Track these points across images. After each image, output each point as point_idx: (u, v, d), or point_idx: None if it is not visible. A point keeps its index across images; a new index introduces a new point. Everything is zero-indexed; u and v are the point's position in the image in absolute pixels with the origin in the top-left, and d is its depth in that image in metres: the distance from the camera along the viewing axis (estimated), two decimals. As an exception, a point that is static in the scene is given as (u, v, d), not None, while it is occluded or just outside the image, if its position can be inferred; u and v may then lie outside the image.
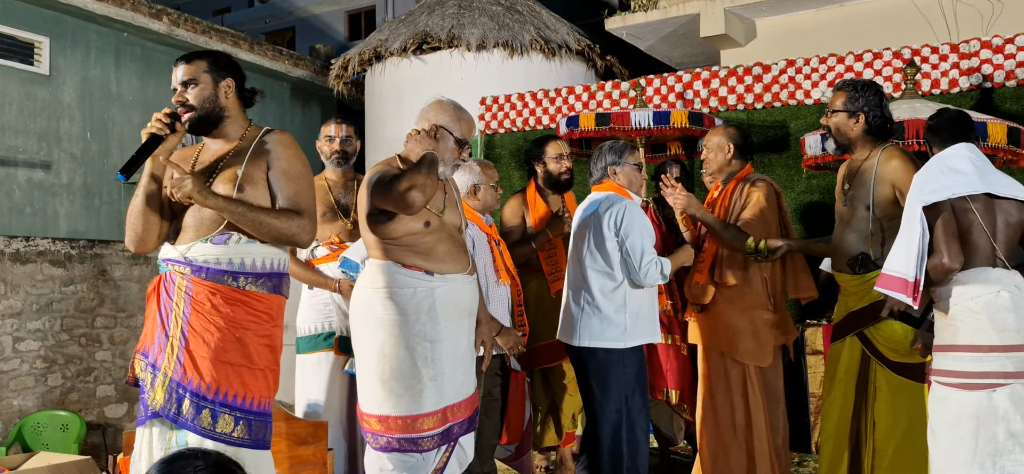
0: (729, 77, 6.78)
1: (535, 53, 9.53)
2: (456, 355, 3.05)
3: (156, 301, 2.65)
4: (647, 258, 3.46)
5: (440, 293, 2.98)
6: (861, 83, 3.31)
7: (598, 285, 3.52)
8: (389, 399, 2.93)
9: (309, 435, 3.46)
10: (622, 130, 5.65)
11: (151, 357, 2.60)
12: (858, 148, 3.30)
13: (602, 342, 3.51)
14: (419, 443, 2.96)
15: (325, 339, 3.76)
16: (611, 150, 3.66)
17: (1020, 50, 5.74)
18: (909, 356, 3.17)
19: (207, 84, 2.69)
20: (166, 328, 2.59)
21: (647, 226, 3.54)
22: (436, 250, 3.00)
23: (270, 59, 11.87)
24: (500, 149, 7.75)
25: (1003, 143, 4.69)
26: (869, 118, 3.24)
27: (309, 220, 2.70)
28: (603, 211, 3.54)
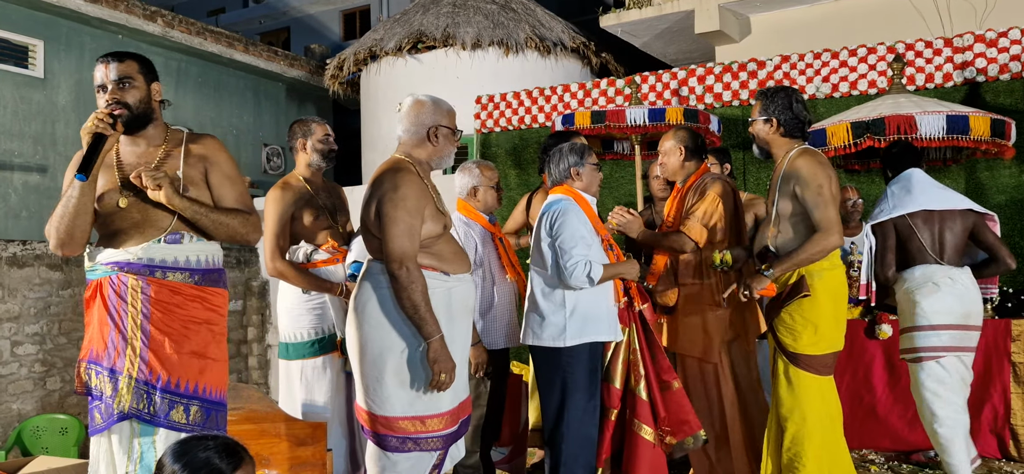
0: (724, 73, 6.79)
1: (530, 51, 9.54)
2: (464, 354, 3.10)
3: (102, 306, 2.63)
4: (572, 260, 3.40)
5: (456, 293, 3.00)
6: (771, 90, 3.55)
7: (539, 286, 3.55)
8: (409, 400, 2.91)
9: (308, 436, 3.47)
10: (618, 127, 5.67)
11: (107, 363, 2.60)
12: (775, 150, 3.52)
13: (541, 341, 3.53)
14: (433, 442, 2.96)
15: (325, 343, 3.73)
16: (573, 150, 3.63)
17: (1013, 44, 5.77)
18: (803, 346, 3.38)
19: (141, 85, 2.72)
20: (123, 331, 2.60)
21: (582, 228, 3.48)
22: (445, 251, 3.01)
23: (265, 59, 11.86)
24: (496, 147, 7.76)
25: (986, 136, 4.71)
26: (780, 120, 3.46)
27: (257, 218, 2.86)
28: (546, 211, 3.56)
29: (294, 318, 3.67)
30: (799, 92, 3.54)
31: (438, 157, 3.06)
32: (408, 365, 2.91)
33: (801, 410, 3.38)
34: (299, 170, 3.83)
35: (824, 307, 3.38)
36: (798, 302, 3.39)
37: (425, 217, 2.91)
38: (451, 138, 3.07)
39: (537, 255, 3.58)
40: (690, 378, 3.95)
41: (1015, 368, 4.71)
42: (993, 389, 4.76)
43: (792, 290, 3.41)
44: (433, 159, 3.06)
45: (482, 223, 4.00)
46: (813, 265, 3.37)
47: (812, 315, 3.38)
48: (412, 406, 2.91)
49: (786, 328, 3.44)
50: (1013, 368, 4.72)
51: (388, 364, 2.90)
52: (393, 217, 2.85)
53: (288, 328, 3.71)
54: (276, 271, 3.62)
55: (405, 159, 3.03)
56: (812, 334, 3.39)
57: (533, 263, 3.61)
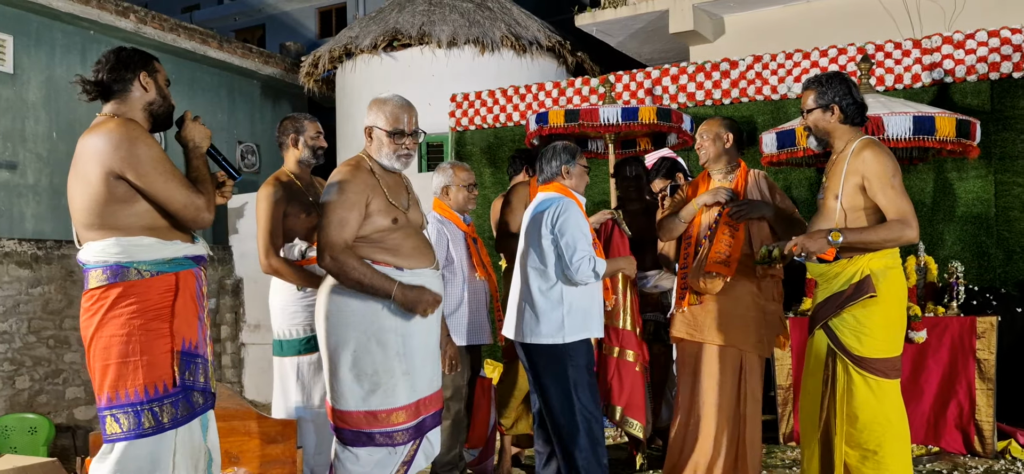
0: (697, 73, 6.85)
1: (506, 50, 9.55)
2: (427, 348, 3.11)
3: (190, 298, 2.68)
4: (578, 255, 3.48)
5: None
6: (826, 76, 3.35)
7: (536, 283, 3.58)
8: (363, 394, 2.97)
9: (278, 433, 3.46)
10: (591, 126, 5.69)
11: (201, 350, 2.70)
12: (836, 139, 3.33)
13: (541, 339, 3.56)
14: (393, 437, 3.01)
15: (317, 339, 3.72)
16: (565, 150, 3.69)
17: (981, 45, 5.86)
18: (869, 349, 3.20)
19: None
20: (202, 320, 2.74)
21: (583, 226, 3.57)
22: (403, 246, 3.06)
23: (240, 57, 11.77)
24: (471, 145, 7.77)
25: (952, 136, 4.79)
26: (842, 107, 3.27)
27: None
28: (544, 209, 3.59)
29: (289, 315, 3.67)
30: (850, 77, 3.38)
31: (378, 157, 3.09)
32: (361, 361, 2.98)
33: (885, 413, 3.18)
34: (288, 167, 3.82)
35: (890, 307, 3.18)
36: (863, 303, 3.16)
37: (371, 211, 2.98)
38: (386, 139, 3.08)
39: (533, 253, 3.58)
40: (707, 366, 3.84)
41: (980, 365, 4.80)
42: (958, 386, 4.84)
43: (856, 289, 3.18)
44: (378, 158, 3.09)
45: (455, 222, 4.07)
46: (877, 264, 3.16)
47: (879, 316, 3.17)
48: (366, 401, 2.98)
49: (850, 330, 3.21)
50: (978, 365, 4.80)
51: (342, 359, 2.98)
52: (325, 210, 2.98)
53: (282, 325, 3.71)
54: (271, 268, 3.61)
55: (361, 155, 3.12)
56: (880, 336, 3.17)
57: (527, 262, 3.62)
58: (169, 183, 2.56)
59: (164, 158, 2.58)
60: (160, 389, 2.54)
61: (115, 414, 2.52)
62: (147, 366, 2.53)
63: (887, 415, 3.19)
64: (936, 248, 5.76)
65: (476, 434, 4.19)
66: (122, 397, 2.52)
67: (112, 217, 2.54)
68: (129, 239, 2.55)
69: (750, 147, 6.42)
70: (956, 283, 5.00)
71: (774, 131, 5.30)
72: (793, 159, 5.45)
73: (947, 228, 5.87)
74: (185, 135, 2.72)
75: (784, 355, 5.21)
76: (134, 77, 2.65)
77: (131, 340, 2.52)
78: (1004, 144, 5.75)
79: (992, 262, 5.73)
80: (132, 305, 2.54)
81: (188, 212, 2.60)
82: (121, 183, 2.53)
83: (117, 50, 2.70)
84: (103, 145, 2.52)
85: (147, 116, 2.69)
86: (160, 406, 2.54)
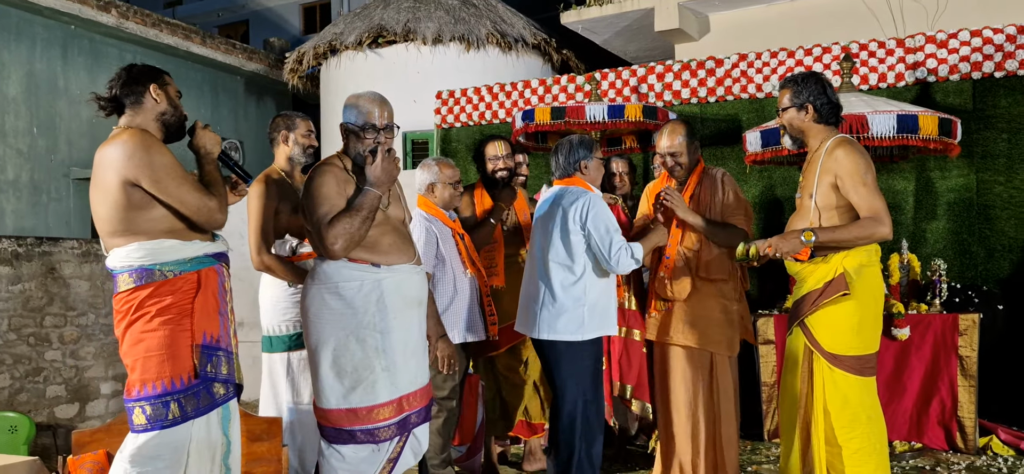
0: (682, 71, 6.86)
1: (491, 47, 9.54)
2: (408, 345, 3.10)
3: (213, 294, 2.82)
4: (615, 247, 3.51)
5: (387, 284, 3.03)
6: (802, 76, 3.39)
7: (558, 278, 3.57)
8: (343, 392, 2.98)
9: (264, 431, 3.44)
10: (577, 124, 5.70)
11: (224, 344, 2.83)
12: (811, 138, 3.35)
13: (560, 335, 3.56)
14: (375, 434, 3.01)
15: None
16: (582, 145, 3.69)
17: (963, 45, 5.91)
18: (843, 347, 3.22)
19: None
20: (226, 315, 2.86)
21: (611, 218, 3.59)
22: (381, 243, 3.05)
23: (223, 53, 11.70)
24: (456, 143, 7.76)
25: (934, 135, 4.83)
26: (816, 106, 3.30)
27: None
28: (569, 204, 3.57)
29: (279, 311, 3.65)
30: (825, 76, 3.41)
31: (354, 154, 3.11)
32: (340, 358, 2.99)
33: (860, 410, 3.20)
34: (278, 164, 3.81)
35: (865, 306, 3.20)
36: (836, 300, 3.18)
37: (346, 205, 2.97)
38: (356, 136, 3.09)
39: (556, 247, 3.57)
40: (679, 369, 3.93)
41: (962, 362, 4.84)
42: (941, 382, 4.88)
43: (829, 287, 3.20)
44: (352, 154, 3.10)
45: (442, 218, 4.04)
46: (851, 262, 3.17)
47: (853, 314, 3.18)
48: (346, 399, 2.98)
49: (824, 327, 3.23)
50: (960, 361, 4.84)
51: (323, 357, 2.99)
52: (308, 211, 2.99)
53: (271, 321, 3.69)
54: (263, 265, 3.59)
55: (334, 155, 3.14)
56: (854, 334, 3.19)
57: (547, 256, 3.59)
58: (182, 187, 2.71)
59: (176, 164, 2.73)
60: (184, 381, 2.70)
61: (142, 405, 2.67)
62: (171, 360, 2.69)
63: (862, 412, 3.22)
64: (919, 246, 5.80)
65: (464, 431, 4.18)
66: (148, 390, 2.67)
67: (133, 223, 2.71)
68: (151, 243, 2.72)
69: (734, 145, 6.45)
70: (939, 281, 5.04)
71: (758, 129, 5.32)
72: (778, 157, 5.47)
73: (930, 226, 5.92)
74: (197, 142, 2.88)
75: (769, 352, 5.23)
76: (145, 90, 2.81)
77: (156, 336, 2.69)
78: (986, 143, 5.80)
79: (974, 260, 5.79)
80: (158, 304, 2.71)
81: (202, 214, 2.76)
82: (137, 190, 2.68)
83: (129, 66, 2.89)
84: (118, 155, 2.68)
85: (160, 126, 2.83)
86: (184, 397, 2.70)
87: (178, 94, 2.92)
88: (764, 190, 6.45)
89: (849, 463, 3.22)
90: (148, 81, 2.83)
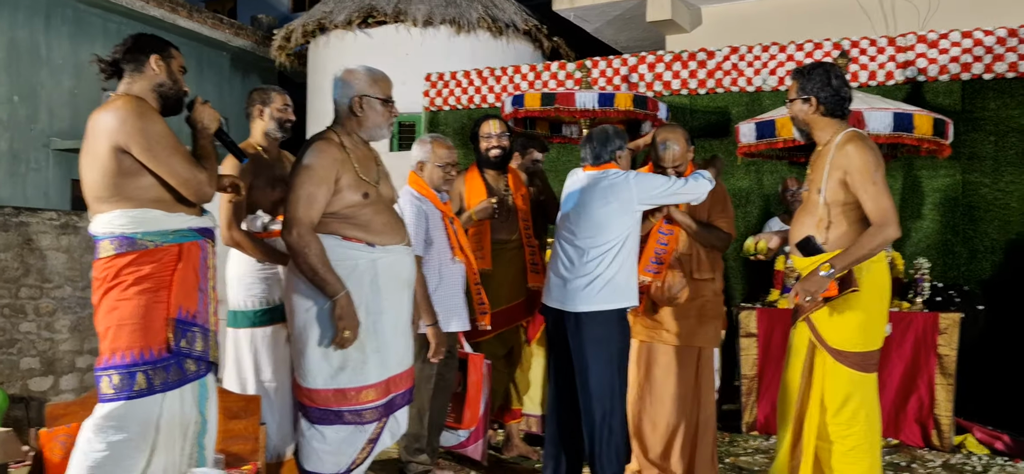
0: (673, 62, 6.84)
1: (482, 31, 9.47)
2: (398, 326, 3.08)
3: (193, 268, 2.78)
4: (680, 181, 3.62)
5: (382, 264, 3.00)
6: (808, 67, 3.31)
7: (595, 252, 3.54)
8: (332, 372, 2.94)
9: (241, 409, 3.39)
10: (567, 111, 5.67)
11: (201, 320, 2.79)
12: (818, 131, 3.29)
13: (595, 305, 3.52)
14: (362, 415, 2.98)
15: (275, 313, 3.64)
16: (618, 135, 3.68)
17: (954, 45, 5.92)
18: (848, 343, 3.19)
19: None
20: (206, 291, 2.83)
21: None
22: (374, 222, 3.01)
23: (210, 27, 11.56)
24: (444, 126, 7.71)
25: (929, 134, 4.84)
26: (820, 99, 3.23)
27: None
28: (620, 182, 3.56)
29: (245, 286, 3.59)
30: (838, 68, 3.30)
31: (366, 128, 3.05)
32: (330, 338, 2.92)
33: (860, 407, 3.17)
34: (254, 138, 3.74)
35: (871, 301, 3.15)
36: (845, 296, 3.14)
37: (341, 186, 2.93)
38: (380, 109, 3.04)
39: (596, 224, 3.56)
40: (664, 365, 3.95)
41: (941, 360, 4.86)
42: (920, 380, 4.90)
43: (839, 284, 3.14)
44: (361, 130, 3.05)
45: (432, 199, 3.89)
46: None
47: (859, 310, 3.14)
48: (334, 379, 2.94)
49: (830, 322, 3.18)
50: (939, 360, 4.86)
51: (311, 336, 2.94)
52: (293, 185, 2.93)
53: (238, 296, 3.62)
54: (232, 240, 3.53)
55: (330, 128, 3.06)
56: (859, 330, 3.14)
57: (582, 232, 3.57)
58: (172, 158, 2.69)
59: (168, 134, 2.72)
60: (154, 353, 2.68)
61: (110, 374, 2.65)
62: (143, 330, 2.67)
63: (861, 409, 3.19)
64: (903, 244, 5.82)
65: (469, 414, 4.09)
66: (117, 359, 2.65)
67: (119, 190, 2.69)
68: (136, 211, 2.69)
69: (724, 138, 6.44)
70: (921, 279, 5.05)
71: (753, 121, 5.31)
72: (771, 150, 5.47)
73: (915, 225, 5.93)
74: (195, 117, 2.86)
75: (751, 345, 5.24)
76: (146, 59, 2.80)
77: (130, 305, 2.67)
78: (973, 144, 5.82)
79: (957, 260, 5.81)
80: (136, 273, 2.68)
81: (190, 186, 2.73)
82: (127, 157, 2.66)
83: (136, 35, 2.88)
84: (110, 121, 2.66)
85: (156, 97, 2.81)
86: (153, 369, 2.67)
87: (183, 69, 2.91)
88: (753, 183, 6.45)
89: (842, 461, 3.19)
90: (151, 51, 2.82)
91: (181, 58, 2.93)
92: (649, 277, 3.86)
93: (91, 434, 2.66)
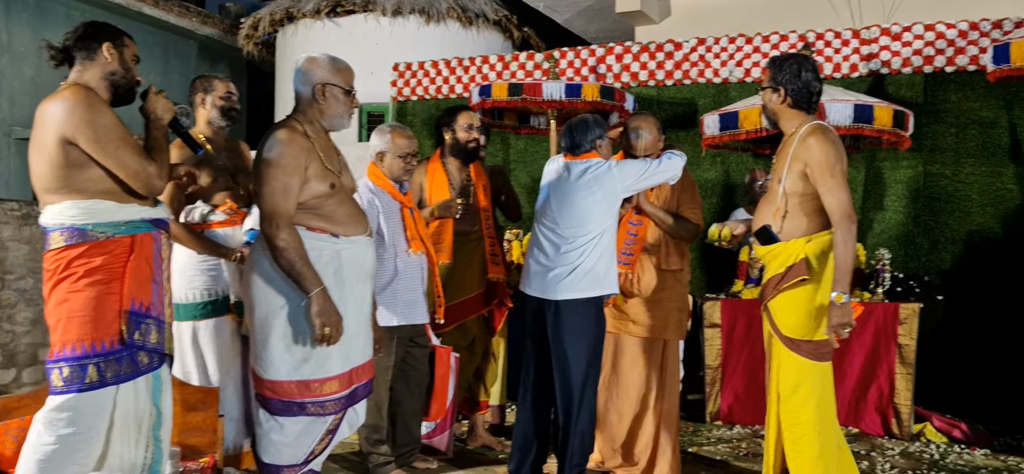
0: (641, 53, 6.85)
1: (452, 21, 9.43)
2: (361, 317, 3.06)
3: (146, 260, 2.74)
4: (655, 163, 3.67)
5: (346, 255, 2.98)
6: (783, 57, 3.33)
7: (579, 241, 3.55)
8: (295, 363, 2.91)
9: (199, 401, 3.36)
10: (534, 101, 5.67)
11: (154, 312, 2.76)
12: (784, 121, 3.32)
13: (578, 293, 3.54)
14: (325, 406, 2.96)
15: (219, 305, 3.61)
16: (598, 123, 3.69)
17: (917, 38, 5.98)
18: (800, 331, 3.23)
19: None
20: (160, 282, 2.80)
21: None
22: (338, 213, 2.99)
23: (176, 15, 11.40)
24: (412, 117, 7.67)
25: (889, 126, 4.90)
26: (788, 91, 3.26)
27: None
28: (603, 172, 3.58)
29: (187, 278, 3.54)
30: (812, 61, 3.32)
31: (327, 117, 3.02)
32: (294, 329, 2.90)
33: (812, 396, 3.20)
34: (198, 127, 3.69)
35: (825, 291, 3.15)
36: (797, 285, 3.15)
37: (308, 176, 2.89)
38: (341, 98, 3.01)
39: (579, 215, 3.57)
40: (631, 357, 3.98)
41: (901, 350, 4.92)
42: (880, 370, 4.96)
43: (791, 272, 3.18)
44: (323, 119, 3.01)
45: (390, 191, 3.85)
46: (814, 247, 3.15)
47: (812, 299, 3.16)
48: (297, 370, 2.91)
49: (783, 311, 3.22)
50: (899, 350, 4.93)
51: (274, 327, 2.90)
52: (266, 176, 2.86)
53: (180, 288, 3.58)
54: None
55: (292, 118, 3.01)
56: (811, 319, 3.16)
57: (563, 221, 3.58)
58: (121, 150, 2.65)
59: (116, 125, 2.67)
60: (106, 345, 2.65)
61: (60, 366, 2.62)
62: (94, 322, 2.64)
63: (811, 397, 3.23)
64: (865, 235, 5.88)
65: (436, 406, 4.07)
66: (67, 351, 2.62)
67: (68, 181, 2.65)
68: (86, 202, 2.66)
69: (691, 129, 6.47)
70: (882, 270, 5.12)
71: (717, 113, 5.34)
72: (734, 141, 5.51)
73: (877, 216, 6.00)
74: (148, 107, 2.82)
75: (714, 336, 5.27)
76: (99, 47, 2.75)
77: (81, 297, 2.64)
78: (935, 136, 5.89)
79: (918, 251, 5.89)
80: (86, 265, 2.65)
81: (139, 179, 2.69)
82: (74, 149, 2.62)
83: (89, 22, 2.83)
84: (57, 111, 2.62)
85: (107, 86, 2.77)
86: (104, 361, 2.65)
87: (136, 59, 2.86)
88: (719, 174, 6.49)
89: (792, 448, 3.24)
90: (103, 39, 2.77)
91: (134, 47, 2.88)
92: (620, 268, 3.86)
93: (41, 427, 2.64)
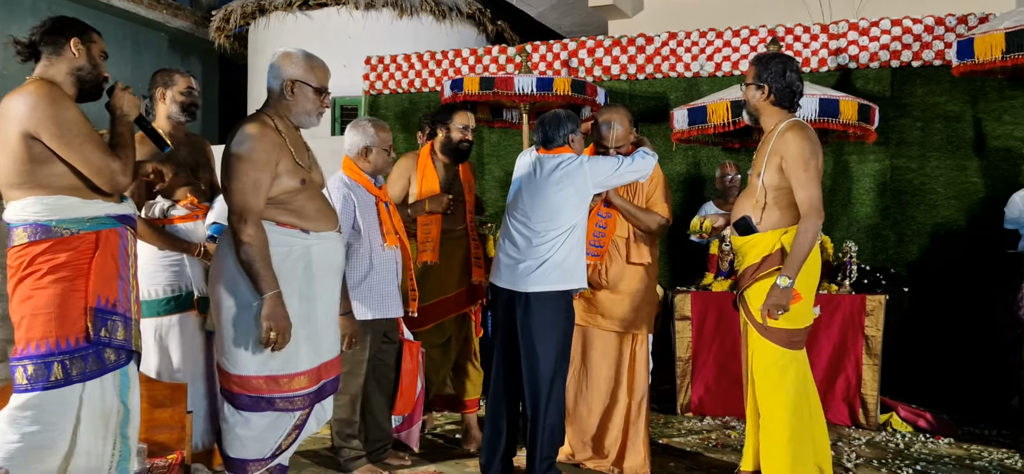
0: (613, 47, 6.87)
1: (425, 14, 9.41)
2: (329, 313, 3.07)
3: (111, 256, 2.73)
4: (627, 160, 3.67)
5: (316, 251, 2.98)
6: (767, 56, 3.43)
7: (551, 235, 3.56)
8: (262, 359, 2.90)
9: (166, 397, 3.34)
10: (506, 95, 5.67)
11: (121, 309, 2.75)
12: (765, 118, 3.42)
13: (549, 286, 3.55)
14: (293, 401, 2.96)
15: (182, 301, 3.58)
16: (570, 119, 3.70)
17: (884, 33, 6.05)
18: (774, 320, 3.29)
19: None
20: (127, 279, 2.79)
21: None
22: (308, 208, 2.99)
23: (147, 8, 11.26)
24: (385, 110, 7.64)
25: (854, 120, 4.97)
26: (772, 89, 3.35)
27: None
28: (574, 168, 3.58)
29: (149, 274, 3.51)
30: (796, 62, 3.42)
31: (296, 113, 3.01)
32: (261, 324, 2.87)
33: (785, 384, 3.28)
34: (158, 122, 3.66)
35: (800, 281, 3.24)
36: (772, 275, 3.26)
37: (279, 171, 2.88)
38: (312, 97, 3.00)
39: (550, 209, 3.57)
40: (601, 350, 4.02)
41: (868, 341, 4.99)
42: (847, 361, 5.03)
43: (766, 262, 3.29)
44: (292, 115, 3.01)
45: (366, 185, 3.82)
46: (789, 238, 3.25)
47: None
48: (265, 365, 2.90)
49: (758, 300, 3.30)
50: (866, 341, 5.00)
51: (241, 323, 2.89)
52: (236, 171, 2.85)
53: (142, 285, 3.54)
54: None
55: (262, 112, 2.99)
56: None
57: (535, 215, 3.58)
58: (84, 146, 2.64)
59: (81, 121, 2.66)
60: (71, 342, 2.64)
61: (24, 364, 2.61)
62: (59, 319, 2.62)
63: (782, 383, 3.30)
64: (833, 228, 5.95)
65: (402, 401, 4.06)
66: (32, 349, 2.61)
67: (32, 176, 2.63)
68: (50, 198, 2.65)
69: (662, 123, 6.50)
70: (850, 262, 5.18)
71: (685, 107, 5.37)
72: (704, 136, 5.55)
73: (844, 210, 6.08)
74: (114, 103, 2.81)
75: (685, 328, 5.32)
76: (66, 42, 2.73)
77: (45, 294, 2.62)
78: (901, 130, 5.97)
79: (885, 244, 5.97)
80: (50, 261, 2.63)
81: (102, 175, 2.68)
82: (37, 144, 2.61)
83: (56, 17, 2.82)
84: (21, 106, 2.61)
85: (73, 81, 2.75)
86: (70, 359, 2.63)
87: (103, 55, 2.84)
88: (689, 168, 6.54)
89: (765, 433, 3.31)
90: (71, 34, 2.75)
91: (102, 42, 2.86)
92: (589, 259, 3.88)
93: (5, 425, 2.62)
